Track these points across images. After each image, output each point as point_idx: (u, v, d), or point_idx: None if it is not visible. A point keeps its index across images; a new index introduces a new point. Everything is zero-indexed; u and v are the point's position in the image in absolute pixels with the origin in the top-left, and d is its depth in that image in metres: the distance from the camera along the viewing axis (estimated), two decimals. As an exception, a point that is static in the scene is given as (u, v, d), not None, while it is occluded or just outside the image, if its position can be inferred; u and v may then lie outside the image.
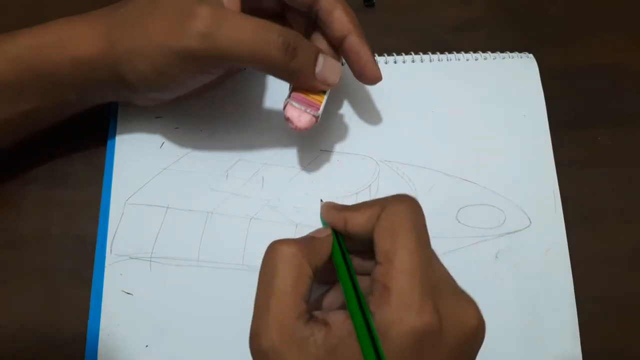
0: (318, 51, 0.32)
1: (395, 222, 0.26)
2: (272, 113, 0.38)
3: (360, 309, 0.25)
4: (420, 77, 0.39)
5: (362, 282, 0.27)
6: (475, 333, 0.25)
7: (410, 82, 0.39)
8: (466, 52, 0.40)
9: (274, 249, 0.26)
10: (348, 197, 0.36)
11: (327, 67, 0.32)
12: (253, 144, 0.37)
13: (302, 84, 0.32)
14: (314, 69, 0.31)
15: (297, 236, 0.34)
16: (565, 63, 0.41)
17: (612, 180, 0.38)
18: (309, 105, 0.32)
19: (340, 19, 0.32)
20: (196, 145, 0.37)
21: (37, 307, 0.33)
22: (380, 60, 0.40)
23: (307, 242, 0.27)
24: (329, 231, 0.29)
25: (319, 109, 0.32)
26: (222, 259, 0.34)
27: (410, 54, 0.40)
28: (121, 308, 0.33)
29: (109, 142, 0.36)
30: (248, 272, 0.34)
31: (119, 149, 0.36)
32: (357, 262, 0.30)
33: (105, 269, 0.34)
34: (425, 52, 0.40)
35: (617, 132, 0.40)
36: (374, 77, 0.33)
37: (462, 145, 0.38)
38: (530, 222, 0.36)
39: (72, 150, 0.36)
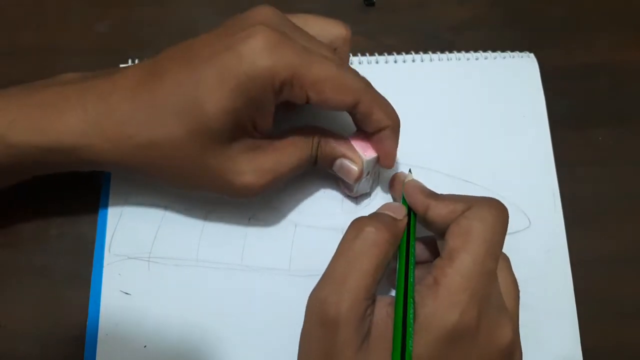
0: (335, 158, 0.32)
1: (474, 227, 0.27)
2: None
3: (404, 299, 0.25)
4: (420, 77, 0.39)
5: (417, 269, 0.29)
6: (506, 349, 0.26)
7: (410, 82, 0.39)
8: (466, 51, 0.40)
9: (367, 231, 0.27)
10: (348, 197, 0.36)
11: (341, 170, 0.33)
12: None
13: None
14: (331, 168, 0.33)
15: (297, 237, 0.35)
16: (566, 62, 0.41)
17: (613, 180, 0.38)
18: (345, 187, 0.35)
19: (378, 119, 0.31)
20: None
21: (36, 307, 0.33)
22: (380, 60, 0.39)
23: (392, 226, 0.28)
24: (405, 212, 0.30)
25: (351, 190, 0.35)
26: (221, 259, 0.34)
27: (410, 54, 0.40)
28: (120, 308, 0.33)
29: (108, 142, 0.36)
30: (247, 272, 0.34)
31: (118, 148, 0.36)
32: (419, 249, 0.31)
33: (104, 269, 0.33)
34: (425, 52, 0.40)
35: (617, 132, 0.39)
36: (388, 167, 0.34)
37: (462, 145, 0.38)
38: (530, 223, 0.36)
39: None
